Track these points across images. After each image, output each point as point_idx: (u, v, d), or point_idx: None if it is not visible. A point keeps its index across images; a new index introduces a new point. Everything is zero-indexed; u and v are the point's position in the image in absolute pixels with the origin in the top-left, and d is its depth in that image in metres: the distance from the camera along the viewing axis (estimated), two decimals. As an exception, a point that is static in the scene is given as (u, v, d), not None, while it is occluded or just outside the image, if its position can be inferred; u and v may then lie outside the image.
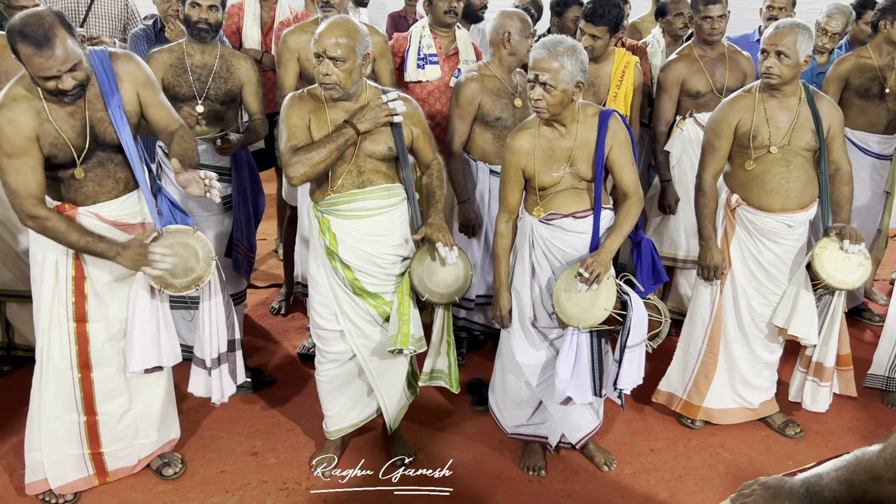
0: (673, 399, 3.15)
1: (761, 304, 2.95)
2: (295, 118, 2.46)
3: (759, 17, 4.43)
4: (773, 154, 2.79)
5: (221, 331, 2.58)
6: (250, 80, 3.19)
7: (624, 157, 2.54)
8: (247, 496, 2.66)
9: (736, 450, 2.99)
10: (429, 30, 3.67)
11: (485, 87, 3.21)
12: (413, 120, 2.56)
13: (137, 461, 2.69)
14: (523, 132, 2.55)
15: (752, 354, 3.02)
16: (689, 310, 3.13)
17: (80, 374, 2.48)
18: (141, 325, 2.44)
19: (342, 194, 2.49)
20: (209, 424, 3.07)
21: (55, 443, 2.52)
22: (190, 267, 2.39)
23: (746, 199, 2.87)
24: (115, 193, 2.42)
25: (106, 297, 2.46)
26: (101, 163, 2.37)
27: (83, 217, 2.37)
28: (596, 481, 2.79)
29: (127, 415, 2.60)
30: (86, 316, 2.45)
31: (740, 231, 2.91)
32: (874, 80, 3.72)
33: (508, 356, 2.74)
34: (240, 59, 3.20)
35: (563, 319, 2.50)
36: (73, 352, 2.45)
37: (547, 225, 2.57)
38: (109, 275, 2.45)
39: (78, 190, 2.36)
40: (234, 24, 4.18)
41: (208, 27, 3.03)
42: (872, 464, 1.18)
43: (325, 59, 2.35)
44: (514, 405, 2.79)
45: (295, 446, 2.94)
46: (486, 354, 3.66)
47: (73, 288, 2.42)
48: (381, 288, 2.59)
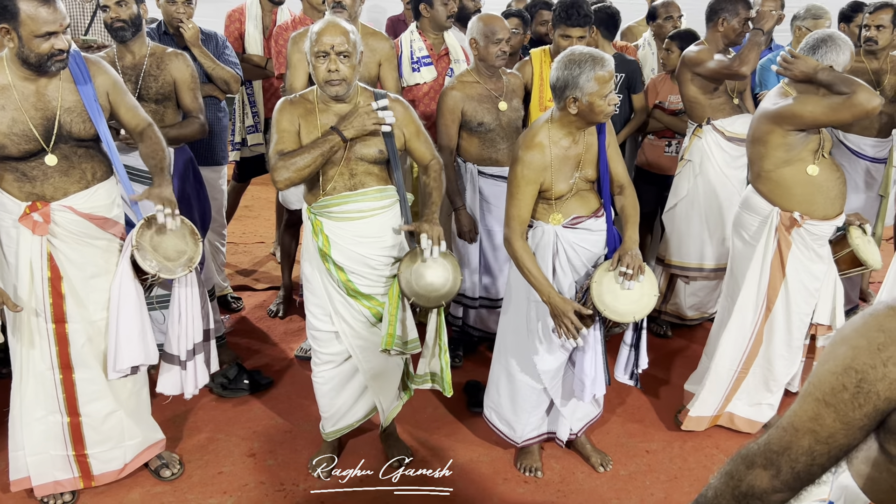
0: (702, 421, 3.08)
1: (806, 314, 2.90)
2: (284, 123, 2.48)
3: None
4: (826, 158, 2.76)
5: (197, 321, 2.57)
6: (183, 77, 3.10)
7: (617, 154, 2.67)
8: (244, 497, 2.67)
9: (731, 451, 2.98)
10: (417, 33, 3.71)
11: (466, 93, 3.23)
12: (404, 121, 2.57)
13: (124, 465, 2.67)
14: (537, 147, 2.50)
15: (791, 365, 2.99)
16: (723, 331, 2.98)
17: (61, 375, 2.46)
18: (127, 323, 2.42)
19: (334, 196, 2.51)
20: (207, 426, 3.08)
21: (39, 443, 2.51)
22: (181, 249, 2.40)
23: (810, 213, 2.75)
24: (83, 184, 2.40)
25: (84, 298, 2.44)
26: (66, 155, 2.36)
27: (58, 213, 2.35)
28: (592, 482, 2.80)
29: (112, 416, 2.58)
30: (64, 317, 2.43)
31: (797, 249, 2.79)
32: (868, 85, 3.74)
33: (524, 365, 2.75)
34: (172, 55, 3.12)
35: (616, 319, 2.53)
36: (53, 353, 2.44)
37: (573, 229, 2.59)
38: (86, 273, 2.43)
39: (45, 182, 2.34)
40: (236, 29, 4.19)
41: (124, 24, 2.98)
42: (748, 450, 1.19)
43: (333, 55, 2.38)
44: (527, 412, 2.81)
45: (293, 447, 2.96)
46: (482, 356, 3.67)
47: (51, 289, 2.39)
48: (373, 289, 2.60)
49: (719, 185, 3.57)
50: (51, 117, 2.32)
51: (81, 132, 2.37)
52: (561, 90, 2.44)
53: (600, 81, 2.39)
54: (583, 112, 2.45)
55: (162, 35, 3.52)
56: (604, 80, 2.39)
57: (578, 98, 2.42)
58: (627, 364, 2.72)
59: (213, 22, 3.95)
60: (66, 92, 2.34)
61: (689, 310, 3.90)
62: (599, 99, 2.41)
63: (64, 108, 2.33)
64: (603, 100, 2.41)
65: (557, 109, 2.51)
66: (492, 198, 3.35)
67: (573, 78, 2.40)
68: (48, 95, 2.32)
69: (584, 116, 2.47)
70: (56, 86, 2.33)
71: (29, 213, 2.33)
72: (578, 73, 2.39)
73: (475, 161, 3.34)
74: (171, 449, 2.88)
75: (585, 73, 2.38)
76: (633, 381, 2.74)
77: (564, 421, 2.83)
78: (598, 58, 2.40)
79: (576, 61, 2.40)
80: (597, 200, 2.66)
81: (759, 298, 2.87)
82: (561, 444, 2.89)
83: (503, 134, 3.30)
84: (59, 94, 2.33)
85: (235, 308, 4.13)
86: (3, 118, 2.25)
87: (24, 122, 2.27)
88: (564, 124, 2.52)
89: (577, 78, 2.39)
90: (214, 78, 3.49)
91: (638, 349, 2.68)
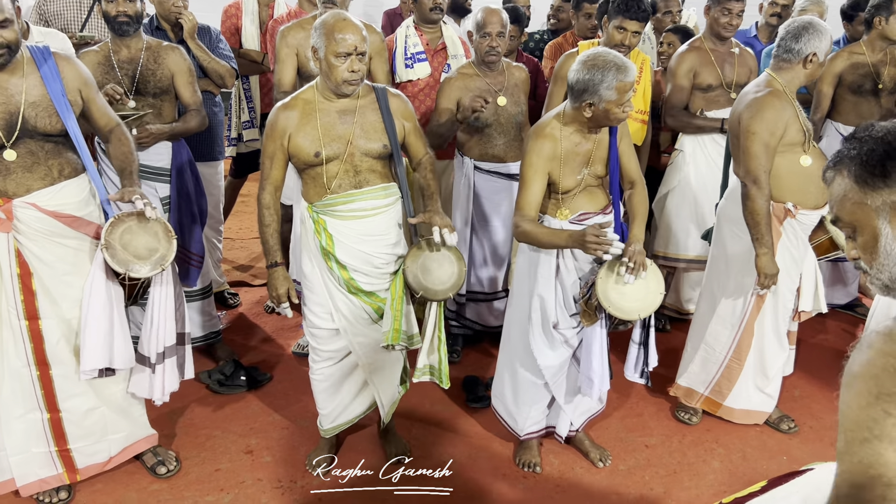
0: (693, 394, 3.12)
1: (790, 301, 2.93)
2: (271, 147, 2.48)
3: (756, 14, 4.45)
4: (815, 147, 2.78)
5: (169, 324, 2.53)
6: (181, 70, 3.09)
7: (629, 146, 2.64)
8: (242, 494, 2.66)
9: (730, 445, 3.00)
10: (413, 28, 3.67)
11: (465, 86, 3.21)
12: (404, 114, 2.56)
13: (109, 458, 2.64)
14: (546, 138, 2.50)
15: (782, 350, 3.01)
16: (714, 312, 3.00)
17: (38, 371, 2.43)
18: (94, 323, 2.38)
19: (339, 195, 2.49)
20: (204, 423, 3.06)
21: (19, 442, 2.47)
22: (152, 247, 2.37)
23: (802, 203, 2.76)
24: (48, 181, 2.35)
25: (56, 295, 2.41)
26: (32, 150, 2.32)
27: (20, 210, 2.31)
28: (591, 477, 2.79)
29: (94, 412, 2.56)
30: (37, 313, 2.39)
31: (787, 239, 2.81)
32: (867, 77, 3.73)
33: (525, 359, 2.74)
34: (168, 49, 3.10)
35: (621, 317, 2.51)
36: (28, 349, 2.40)
37: (580, 225, 2.57)
38: (57, 271, 2.40)
39: (7, 178, 2.30)
40: (232, 24, 4.16)
41: (129, 19, 2.96)
42: None
43: (354, 56, 2.36)
44: (528, 406, 2.80)
45: (290, 444, 2.94)
46: (481, 351, 3.67)
47: (21, 286, 2.36)
48: (376, 287, 2.59)
49: (710, 177, 3.57)
50: (14, 112, 2.28)
51: (47, 127, 2.33)
52: (579, 93, 2.40)
53: (620, 91, 2.36)
54: (597, 117, 2.43)
55: (154, 30, 3.49)
56: (624, 89, 2.36)
57: (595, 104, 2.39)
58: (637, 362, 2.69)
59: (209, 17, 3.92)
60: (31, 86, 2.31)
61: (687, 303, 3.89)
62: (616, 107, 2.38)
63: (28, 101, 2.29)
64: (619, 107, 2.39)
65: (571, 107, 2.48)
66: (485, 192, 3.33)
67: (594, 84, 2.36)
68: (10, 90, 2.28)
69: (596, 121, 2.45)
70: (19, 80, 2.29)
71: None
72: (601, 79, 2.35)
73: (472, 155, 3.32)
74: (168, 446, 2.87)
75: (607, 81, 2.34)
76: (644, 379, 2.71)
77: (565, 416, 2.82)
78: (622, 66, 2.35)
79: (599, 67, 2.36)
80: (605, 197, 2.65)
81: (749, 287, 2.87)
82: (560, 439, 2.88)
83: (501, 129, 3.28)
84: (23, 88, 2.29)
85: (232, 304, 4.11)
86: None
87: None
88: (576, 122, 2.50)
89: (598, 85, 2.35)
90: (209, 72, 3.46)
91: (647, 347, 2.66)
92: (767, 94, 2.69)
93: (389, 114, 2.51)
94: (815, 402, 3.31)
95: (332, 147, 2.44)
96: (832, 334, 3.97)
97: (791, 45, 2.70)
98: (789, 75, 2.73)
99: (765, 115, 2.66)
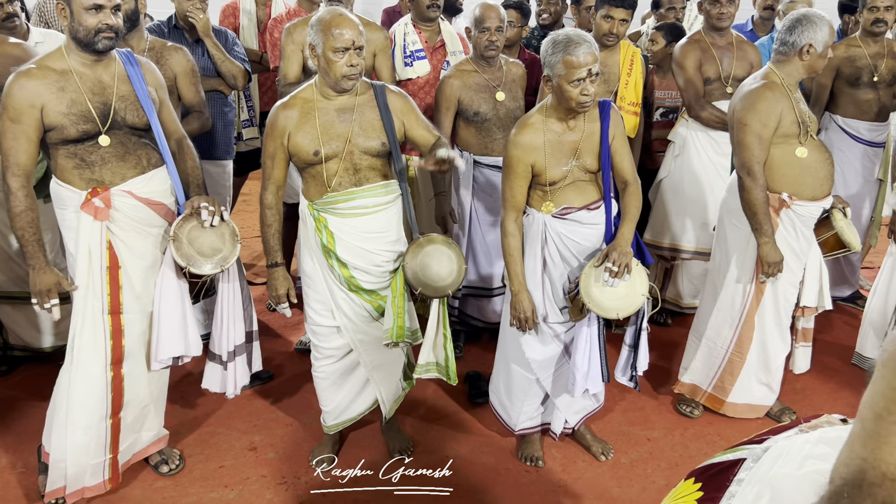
0: (697, 391, 3.12)
1: (792, 294, 2.93)
2: (272, 147, 2.49)
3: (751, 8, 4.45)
4: (814, 139, 2.78)
5: (238, 324, 2.60)
6: (184, 71, 3.11)
7: (624, 145, 2.60)
8: (246, 491, 2.67)
9: (732, 438, 3.01)
10: (412, 26, 3.67)
11: (464, 82, 3.22)
12: (403, 112, 2.56)
13: (132, 454, 2.66)
14: (528, 128, 2.51)
15: (785, 345, 3.01)
16: (715, 306, 3.01)
17: (112, 372, 2.46)
18: (168, 312, 2.45)
19: (340, 193, 2.49)
20: (207, 420, 3.08)
21: (81, 453, 2.46)
22: (217, 247, 2.42)
23: (798, 193, 2.77)
24: (139, 169, 2.43)
25: (140, 289, 2.46)
26: (122, 141, 2.41)
27: (118, 198, 2.38)
28: (593, 470, 2.80)
29: (143, 409, 2.59)
30: (120, 307, 2.44)
31: (784, 230, 2.81)
32: (864, 69, 3.74)
33: (516, 353, 2.74)
34: (171, 49, 3.12)
35: (600, 314, 2.51)
36: (107, 347, 2.43)
37: (562, 220, 2.57)
38: (145, 262, 2.46)
39: (103, 167, 2.37)
40: (230, 24, 4.17)
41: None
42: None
43: (352, 51, 2.37)
44: (520, 401, 2.80)
45: (293, 441, 2.95)
46: (483, 347, 3.67)
47: (109, 279, 2.41)
48: (376, 284, 2.60)
49: (701, 170, 3.58)
50: (107, 102, 2.38)
51: (135, 120, 2.42)
52: (545, 71, 2.44)
53: (568, 66, 2.35)
54: (556, 95, 2.43)
55: (172, 29, 3.50)
56: (572, 65, 2.34)
57: (551, 80, 2.41)
58: (626, 365, 2.69)
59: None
60: (121, 82, 2.42)
61: (687, 297, 3.90)
62: (567, 84, 2.37)
63: (118, 95, 2.40)
64: (571, 86, 2.37)
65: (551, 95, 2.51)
66: (486, 187, 3.34)
67: (547, 57, 2.40)
68: (104, 82, 2.39)
69: (559, 100, 2.45)
70: (111, 74, 2.40)
71: (90, 199, 2.35)
72: (551, 53, 2.38)
73: (472, 150, 3.33)
74: (172, 443, 2.87)
75: (557, 55, 2.36)
76: (633, 382, 2.71)
77: (559, 413, 2.82)
78: (576, 42, 2.35)
79: (554, 41, 2.40)
80: (596, 192, 2.61)
81: (748, 279, 2.88)
82: (555, 437, 2.88)
83: (500, 124, 3.29)
84: (114, 82, 2.40)
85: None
86: (62, 99, 2.30)
87: (82, 102, 2.32)
88: (556, 109, 2.50)
89: (551, 58, 2.39)
90: (223, 72, 3.48)
91: (637, 350, 2.64)
92: (761, 87, 2.72)
93: (388, 111, 2.51)
94: (816, 394, 3.32)
95: (331, 145, 2.45)
96: (834, 327, 3.97)
97: (786, 37, 2.71)
98: (788, 68, 2.74)
99: (757, 107, 2.69)
